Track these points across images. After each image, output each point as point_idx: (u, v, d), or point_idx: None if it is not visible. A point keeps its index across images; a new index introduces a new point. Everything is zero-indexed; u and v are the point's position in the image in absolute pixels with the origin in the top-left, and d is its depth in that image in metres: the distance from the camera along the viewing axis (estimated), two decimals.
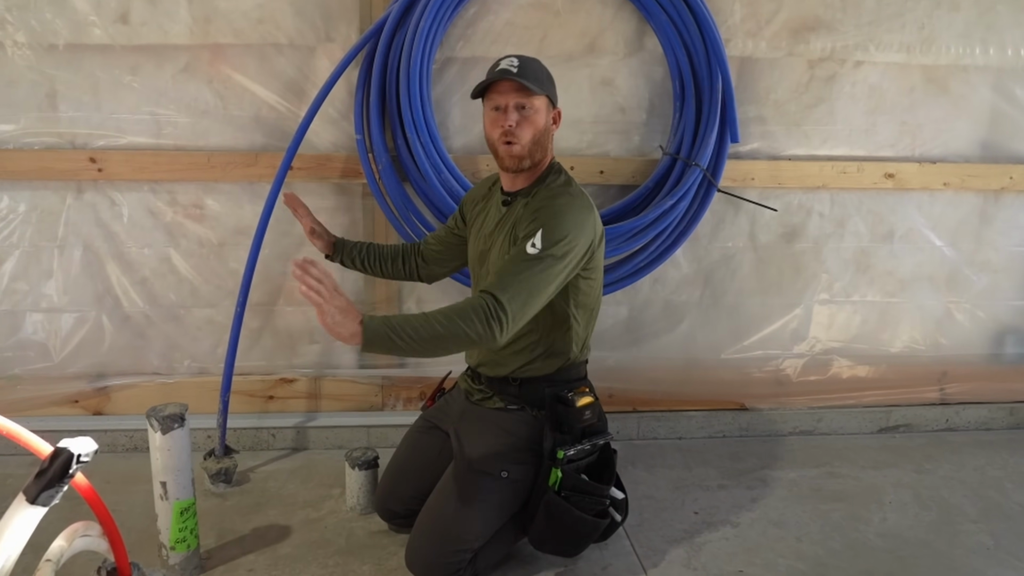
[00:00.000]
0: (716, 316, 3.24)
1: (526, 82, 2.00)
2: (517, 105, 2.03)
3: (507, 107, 2.03)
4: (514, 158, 2.06)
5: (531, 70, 2.05)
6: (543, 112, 2.06)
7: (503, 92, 2.04)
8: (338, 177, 2.90)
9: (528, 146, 2.05)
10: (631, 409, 3.25)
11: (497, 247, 2.14)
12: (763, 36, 2.99)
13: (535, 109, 2.04)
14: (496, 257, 2.13)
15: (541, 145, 2.09)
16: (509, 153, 2.05)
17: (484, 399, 2.28)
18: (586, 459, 2.14)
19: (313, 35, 2.82)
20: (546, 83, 2.09)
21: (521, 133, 2.03)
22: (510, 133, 2.02)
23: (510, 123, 2.02)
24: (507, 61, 2.05)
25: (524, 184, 2.15)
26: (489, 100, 2.08)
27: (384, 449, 2.73)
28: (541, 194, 2.06)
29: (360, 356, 3.11)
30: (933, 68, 3.10)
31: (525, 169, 2.10)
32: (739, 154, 3.06)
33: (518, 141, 2.04)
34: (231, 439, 2.96)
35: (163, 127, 2.83)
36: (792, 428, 3.32)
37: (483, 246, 2.22)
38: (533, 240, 1.91)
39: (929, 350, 3.39)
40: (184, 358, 3.05)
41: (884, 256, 3.26)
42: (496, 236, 2.16)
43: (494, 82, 2.04)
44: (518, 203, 2.12)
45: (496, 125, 2.05)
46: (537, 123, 2.05)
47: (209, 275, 2.98)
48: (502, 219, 2.16)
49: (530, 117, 2.04)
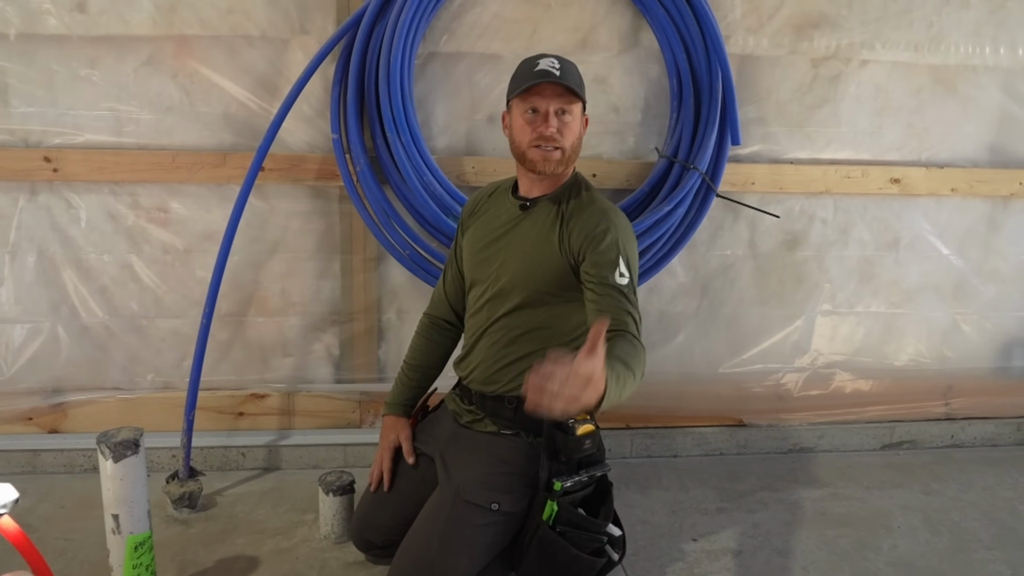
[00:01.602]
0: (714, 328, 3.09)
1: (571, 86, 1.89)
2: (559, 110, 1.92)
3: (548, 112, 1.92)
4: (550, 162, 1.95)
5: (572, 74, 1.95)
6: (579, 118, 1.98)
7: (545, 96, 1.92)
8: (313, 179, 2.72)
9: (570, 152, 1.96)
10: (624, 426, 3.09)
11: (516, 250, 2.01)
12: (764, 33, 2.84)
13: (575, 116, 1.96)
14: (517, 262, 1.99)
15: (576, 151, 2.00)
16: (546, 158, 1.94)
17: (475, 421, 2.10)
18: (582, 491, 1.96)
19: (287, 27, 2.64)
20: (583, 88, 1.98)
21: (563, 139, 1.93)
22: (552, 139, 1.91)
23: (552, 129, 1.91)
24: (547, 62, 1.93)
25: (546, 191, 2.03)
26: (525, 101, 1.94)
27: (362, 470, 2.56)
28: (586, 208, 1.96)
29: (338, 371, 2.94)
30: (941, 68, 2.96)
31: (560, 173, 2.00)
32: (739, 157, 2.91)
33: (561, 146, 1.94)
34: (198, 459, 2.79)
35: (124, 124, 2.64)
36: (792, 445, 3.17)
37: (489, 237, 2.08)
38: (619, 270, 1.85)
39: (934, 363, 3.25)
40: (147, 372, 2.86)
41: (889, 265, 3.12)
42: (513, 235, 2.03)
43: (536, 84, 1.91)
44: (541, 212, 2.00)
45: (531, 129, 1.94)
46: (576, 130, 1.97)
47: (174, 283, 2.79)
48: (518, 221, 2.03)
49: (570, 124, 1.95)
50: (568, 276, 1.95)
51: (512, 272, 1.99)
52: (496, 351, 2.04)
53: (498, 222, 2.08)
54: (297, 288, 2.85)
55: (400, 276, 2.86)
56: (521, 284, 1.99)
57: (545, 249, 1.96)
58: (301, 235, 2.80)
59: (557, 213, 1.97)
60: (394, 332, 2.93)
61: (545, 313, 2.00)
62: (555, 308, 1.99)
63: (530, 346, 2.00)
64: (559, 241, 1.95)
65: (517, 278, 2.00)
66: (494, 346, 2.05)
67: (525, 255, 1.98)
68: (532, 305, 1.99)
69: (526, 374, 2.02)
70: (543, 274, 1.95)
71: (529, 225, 2.01)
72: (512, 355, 2.02)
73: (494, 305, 2.05)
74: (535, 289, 1.98)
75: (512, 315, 2.02)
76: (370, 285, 2.85)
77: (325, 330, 2.90)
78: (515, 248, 2.01)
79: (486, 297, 2.06)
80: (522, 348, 2.01)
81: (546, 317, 2.00)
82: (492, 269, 2.05)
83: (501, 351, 2.03)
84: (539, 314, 2.00)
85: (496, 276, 2.04)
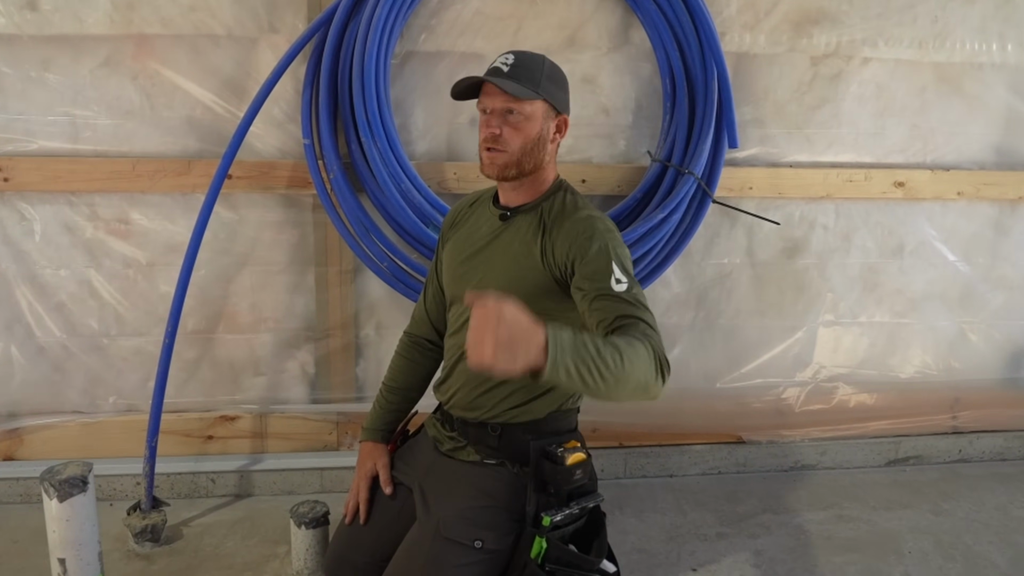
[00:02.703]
0: (710, 341, 2.94)
1: (512, 86, 1.72)
2: (504, 110, 1.75)
3: (492, 111, 1.77)
4: (495, 166, 1.78)
5: (526, 69, 1.76)
6: (538, 120, 1.78)
7: (490, 94, 1.76)
8: (284, 187, 2.56)
9: (516, 155, 1.77)
10: (617, 444, 2.93)
11: (496, 263, 1.85)
12: (762, 29, 2.70)
13: (525, 116, 1.76)
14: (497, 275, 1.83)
15: (532, 155, 1.79)
16: (491, 161, 1.78)
17: (456, 449, 1.93)
18: (573, 524, 1.80)
19: (254, 25, 2.48)
20: (545, 85, 1.79)
21: (508, 141, 1.76)
22: (493, 139, 1.75)
23: (492, 130, 1.75)
24: (502, 59, 1.78)
25: (526, 199, 1.86)
26: (479, 101, 1.81)
27: (339, 495, 2.41)
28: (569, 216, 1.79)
29: (314, 390, 2.77)
30: (946, 66, 2.83)
31: (510, 179, 1.81)
32: (736, 161, 2.76)
33: (504, 148, 1.76)
34: (164, 486, 2.65)
35: (80, 130, 2.48)
36: (794, 462, 3.02)
37: (469, 250, 1.91)
38: (615, 276, 1.66)
39: (941, 375, 3.11)
40: (109, 394, 2.68)
41: (893, 273, 2.98)
42: (493, 248, 1.86)
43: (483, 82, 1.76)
44: (522, 222, 1.84)
45: (482, 129, 1.79)
46: (527, 131, 1.77)
47: (136, 299, 2.62)
48: (499, 233, 1.87)
49: (518, 124, 1.76)
50: (553, 291, 1.78)
51: (492, 288, 1.83)
52: (477, 377, 1.87)
53: (478, 234, 1.92)
54: (269, 303, 2.69)
55: (378, 289, 2.70)
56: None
57: (526, 263, 1.79)
58: (272, 247, 2.64)
59: (539, 223, 1.81)
60: (373, 349, 2.77)
61: None
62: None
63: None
64: (541, 253, 1.79)
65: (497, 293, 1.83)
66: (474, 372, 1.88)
67: (505, 269, 1.82)
68: None
69: (511, 399, 1.89)
70: (525, 289, 1.79)
71: (510, 237, 1.84)
72: (492, 381, 1.85)
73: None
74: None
75: None
76: (347, 299, 2.69)
77: (299, 347, 2.74)
78: (495, 262, 1.85)
79: (466, 315, 1.90)
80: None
81: None
82: (471, 285, 1.88)
83: (483, 377, 1.87)
84: None
85: (473, 290, 1.88)
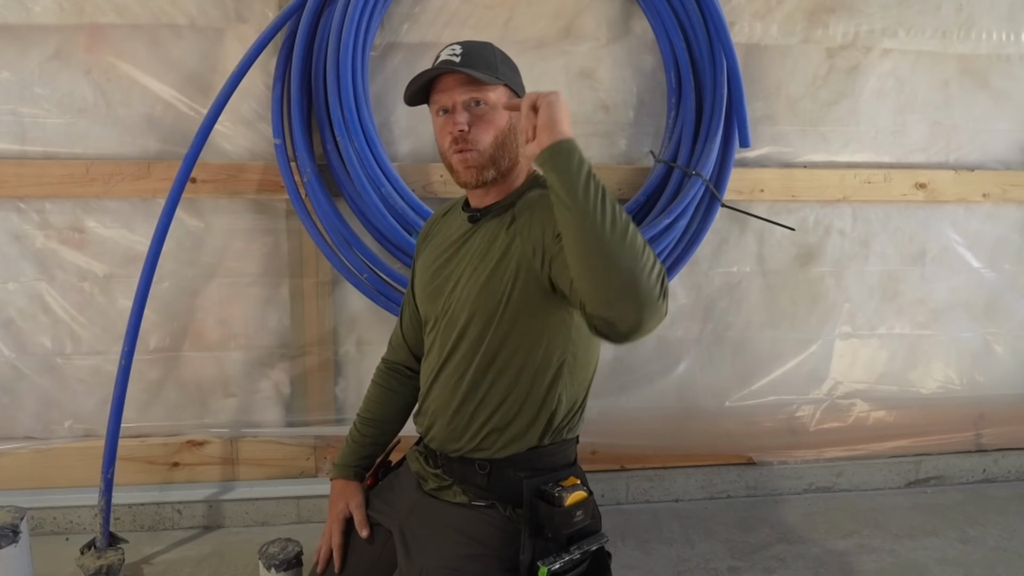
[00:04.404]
0: (719, 355, 2.75)
1: (473, 71, 1.51)
2: (467, 102, 1.54)
3: (455, 106, 1.54)
4: (472, 169, 1.56)
5: (479, 56, 1.57)
6: (502, 108, 1.56)
7: (447, 89, 1.55)
8: (255, 192, 2.36)
9: (489, 151, 1.56)
10: (619, 467, 2.73)
11: (466, 269, 1.62)
12: (773, 19, 2.53)
13: (491, 104, 1.55)
14: (467, 282, 1.61)
15: (507, 149, 1.58)
16: (464, 163, 1.56)
17: (441, 488, 1.71)
18: (574, 571, 1.58)
19: (220, 14, 2.29)
20: (503, 69, 1.60)
21: (478, 136, 1.54)
22: (462, 139, 1.53)
23: (460, 126, 1.53)
24: (447, 51, 1.57)
25: (497, 198, 1.63)
26: (433, 102, 1.59)
27: (317, 526, 2.20)
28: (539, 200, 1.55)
29: (289, 412, 2.57)
30: (971, 58, 2.66)
31: (489, 182, 1.58)
32: (746, 161, 2.57)
33: (474, 146, 1.54)
34: (126, 518, 2.46)
35: (28, 130, 2.28)
36: (808, 485, 2.82)
37: (439, 262, 1.70)
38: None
39: (964, 389, 2.93)
40: (64, 418, 2.47)
41: (914, 281, 2.80)
42: (462, 255, 1.65)
43: (434, 79, 1.55)
44: (492, 221, 1.62)
45: (445, 132, 1.56)
46: (497, 121, 1.56)
47: (94, 315, 2.41)
48: (468, 237, 1.65)
49: (486, 115, 1.55)
50: (533, 290, 1.56)
51: (462, 297, 1.61)
52: (453, 399, 1.65)
53: (448, 243, 1.70)
54: (239, 318, 2.49)
55: (359, 302, 2.49)
56: (472, 310, 1.60)
57: (497, 261, 1.56)
58: (242, 257, 2.45)
59: (509, 216, 1.60)
60: (353, 367, 2.57)
61: (508, 346, 1.60)
62: (520, 336, 1.60)
63: (495, 390, 1.61)
64: (510, 244, 1.56)
65: (467, 303, 1.61)
66: (450, 393, 1.66)
67: (475, 274, 1.59)
68: (489, 336, 1.59)
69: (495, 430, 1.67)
70: (498, 292, 1.56)
71: (479, 239, 1.62)
72: (471, 402, 1.62)
73: (443, 340, 1.66)
74: (490, 314, 1.58)
75: (466, 351, 1.63)
76: (324, 313, 2.49)
77: (273, 366, 2.53)
78: (465, 269, 1.63)
79: (436, 331, 1.69)
80: (484, 394, 1.61)
81: (510, 351, 1.60)
82: (443, 298, 1.67)
83: (459, 399, 1.64)
84: (500, 347, 1.60)
85: (445, 305, 1.66)
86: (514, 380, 1.60)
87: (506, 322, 1.58)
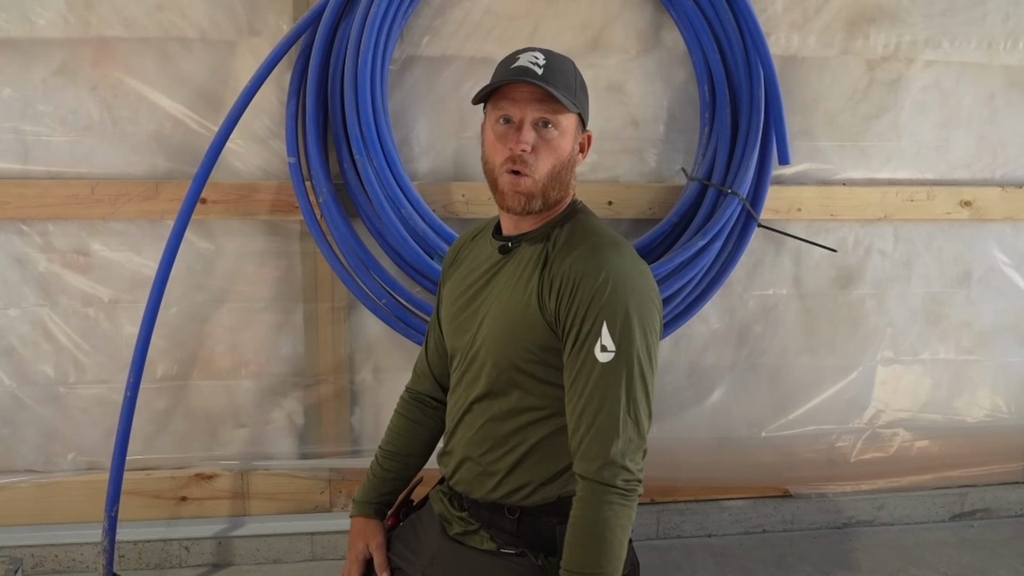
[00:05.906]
0: (754, 383, 2.62)
1: (556, 91, 1.37)
2: (538, 121, 1.40)
3: (523, 122, 1.40)
4: (520, 195, 1.42)
5: (561, 73, 1.42)
6: (571, 136, 1.44)
7: (520, 100, 1.40)
8: (267, 212, 2.26)
9: (543, 181, 1.42)
10: (649, 501, 2.61)
11: (493, 308, 1.50)
12: (811, 29, 2.41)
13: (562, 131, 1.41)
14: (493, 324, 1.49)
15: (561, 181, 1.45)
16: (515, 187, 1.41)
17: (467, 533, 1.59)
18: None
19: (232, 27, 2.20)
20: (580, 95, 1.46)
21: (537, 162, 1.40)
22: (520, 160, 1.39)
23: (524, 145, 1.38)
24: (528, 56, 1.42)
25: (532, 226, 1.50)
26: (497, 107, 1.44)
27: (332, 563, 2.09)
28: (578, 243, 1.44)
29: (303, 443, 2.46)
30: (1019, 69, 2.55)
31: (534, 212, 1.45)
32: (782, 178, 2.46)
33: (531, 173, 1.40)
34: (131, 556, 2.36)
35: (31, 148, 2.19)
36: (848, 519, 2.69)
37: (468, 294, 1.57)
38: (601, 341, 1.35)
39: (1012, 417, 2.79)
40: (67, 450, 2.38)
41: (959, 304, 2.68)
42: (492, 289, 1.52)
43: (508, 84, 1.40)
44: (525, 252, 1.49)
45: (502, 144, 1.42)
46: (561, 150, 1.42)
47: (98, 342, 2.32)
48: (498, 269, 1.53)
49: (553, 141, 1.41)
50: (554, 348, 1.44)
51: (488, 340, 1.48)
52: (481, 445, 1.53)
53: (475, 274, 1.57)
54: (251, 345, 2.38)
55: (376, 328, 2.39)
56: (496, 356, 1.47)
57: (522, 307, 1.44)
58: (255, 281, 2.35)
59: (541, 253, 1.47)
60: (370, 395, 2.45)
61: (536, 393, 1.48)
62: (546, 386, 1.47)
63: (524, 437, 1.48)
64: (539, 291, 1.44)
65: (493, 348, 1.48)
66: (477, 438, 1.53)
67: (502, 316, 1.47)
68: (514, 384, 1.47)
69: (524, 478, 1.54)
70: (524, 341, 1.43)
71: (509, 273, 1.49)
72: (499, 449, 1.50)
73: (470, 381, 1.54)
74: (515, 363, 1.45)
75: (492, 396, 1.51)
76: (340, 340, 2.39)
77: (286, 395, 2.43)
78: (492, 307, 1.50)
79: (460, 371, 1.57)
80: (513, 444, 1.49)
81: (538, 399, 1.48)
82: (469, 335, 1.54)
83: (487, 446, 1.52)
84: (526, 395, 1.48)
85: (471, 343, 1.53)
86: (543, 427, 1.48)
87: (532, 371, 1.46)
